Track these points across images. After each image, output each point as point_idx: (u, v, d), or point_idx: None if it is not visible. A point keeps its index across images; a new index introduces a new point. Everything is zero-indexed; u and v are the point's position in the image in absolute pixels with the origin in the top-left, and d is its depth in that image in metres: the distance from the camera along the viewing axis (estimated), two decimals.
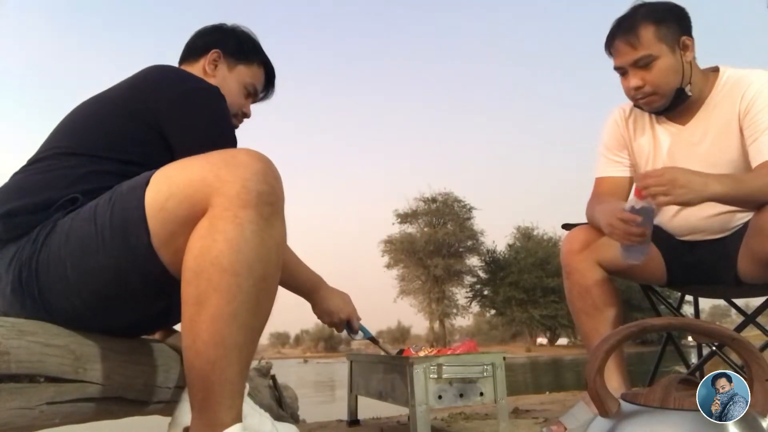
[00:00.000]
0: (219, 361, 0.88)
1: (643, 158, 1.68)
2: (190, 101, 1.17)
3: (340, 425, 2.30)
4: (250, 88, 1.44)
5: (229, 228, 0.88)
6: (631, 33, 1.50)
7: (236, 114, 1.42)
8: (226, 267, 0.88)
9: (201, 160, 0.94)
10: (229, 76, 1.40)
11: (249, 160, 0.92)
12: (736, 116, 1.50)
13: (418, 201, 37.37)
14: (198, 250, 0.89)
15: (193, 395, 0.90)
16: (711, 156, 1.54)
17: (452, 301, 37.88)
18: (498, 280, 35.91)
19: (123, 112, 1.15)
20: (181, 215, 0.92)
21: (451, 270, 36.11)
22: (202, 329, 0.88)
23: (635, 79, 1.53)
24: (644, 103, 1.58)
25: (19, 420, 0.89)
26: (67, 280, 0.99)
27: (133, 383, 1.12)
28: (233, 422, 0.89)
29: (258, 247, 0.90)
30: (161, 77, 1.20)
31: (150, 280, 0.98)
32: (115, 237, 0.95)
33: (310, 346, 66.43)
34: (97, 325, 1.07)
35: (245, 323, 0.90)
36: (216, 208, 0.89)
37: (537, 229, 39.57)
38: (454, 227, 36.30)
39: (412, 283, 37.52)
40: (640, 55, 1.50)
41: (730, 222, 1.58)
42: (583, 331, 1.63)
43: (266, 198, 0.91)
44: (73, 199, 1.05)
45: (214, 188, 0.90)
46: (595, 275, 1.59)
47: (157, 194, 0.94)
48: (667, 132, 1.63)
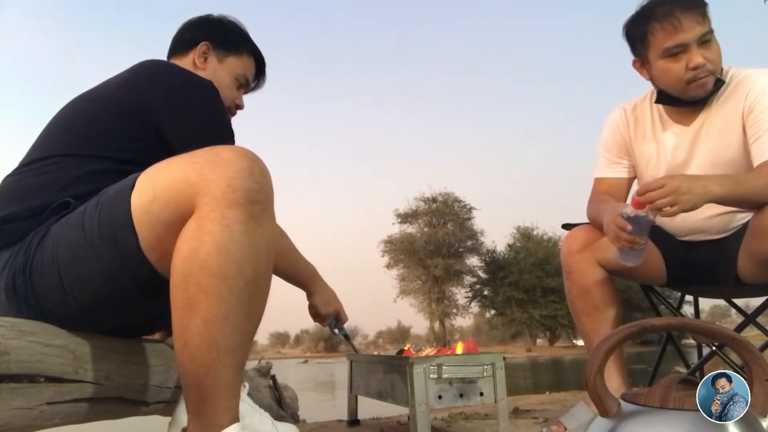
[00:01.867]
0: (213, 365, 0.86)
1: (645, 159, 1.67)
2: (184, 95, 1.15)
3: (340, 425, 2.30)
4: (241, 79, 1.42)
5: (216, 229, 0.85)
6: (695, 7, 1.46)
7: (229, 107, 1.40)
8: (215, 270, 0.85)
9: (184, 160, 0.92)
10: (219, 68, 1.38)
11: (233, 157, 0.89)
12: (739, 115, 1.50)
13: (418, 201, 37.44)
14: (186, 252, 0.86)
15: (188, 398, 0.89)
16: (713, 155, 1.54)
17: (452, 301, 37.93)
18: (498, 280, 35.90)
19: (116, 109, 1.13)
20: (166, 218, 0.89)
21: (451, 270, 36.10)
22: (193, 333, 0.86)
23: (698, 56, 1.46)
24: (699, 85, 1.50)
25: (19, 420, 0.89)
26: (61, 286, 0.98)
27: (133, 383, 1.12)
28: (230, 423, 0.88)
29: (247, 248, 0.87)
30: (154, 72, 1.19)
31: (142, 283, 0.97)
32: (103, 242, 0.94)
33: (310, 346, 66.39)
34: (94, 328, 1.06)
35: (238, 325, 0.88)
36: (202, 209, 0.86)
37: (537, 229, 39.58)
38: (454, 227, 36.30)
39: (412, 283, 37.54)
40: (707, 30, 1.46)
41: (730, 222, 1.58)
42: (583, 331, 1.63)
43: (254, 196, 0.88)
44: (65, 203, 1.03)
45: (199, 188, 0.87)
46: (595, 275, 1.59)
47: (142, 197, 0.91)
48: (671, 132, 1.62)
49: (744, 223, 1.54)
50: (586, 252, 1.59)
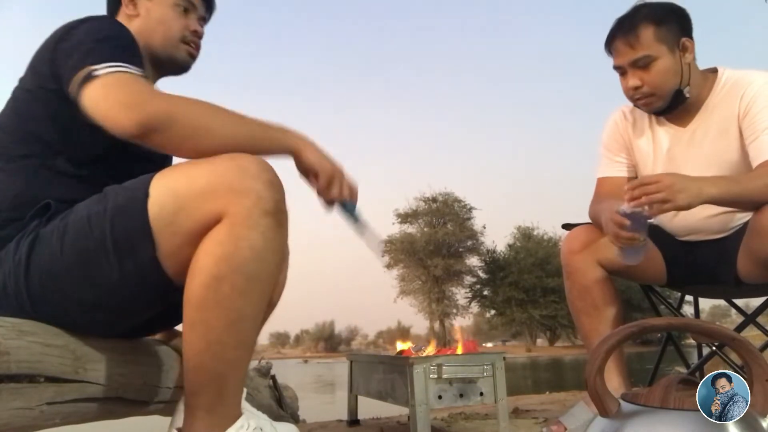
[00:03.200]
0: (238, 362, 0.93)
1: (643, 160, 1.68)
2: (70, 35, 1.05)
3: (340, 425, 2.30)
4: (182, 3, 1.27)
5: (253, 235, 0.90)
6: (630, 33, 1.50)
7: (184, 37, 1.27)
8: (252, 273, 0.91)
9: (205, 169, 0.93)
10: (152, 5, 1.25)
11: (260, 170, 0.93)
12: (735, 117, 1.50)
13: (418, 201, 37.40)
14: (219, 255, 0.90)
15: (200, 396, 0.92)
16: (711, 157, 1.54)
17: (452, 301, 37.90)
18: (498, 280, 35.90)
19: (35, 93, 1.07)
20: (190, 227, 0.92)
21: (451, 270, 36.09)
22: (221, 332, 0.90)
23: (634, 79, 1.52)
24: (642, 104, 1.58)
25: (19, 420, 0.89)
26: (63, 292, 0.97)
27: (133, 383, 1.12)
28: (239, 415, 0.96)
29: (276, 254, 0.94)
30: (50, 35, 1.09)
31: (152, 290, 0.99)
32: (118, 250, 0.94)
33: (310, 346, 66.41)
34: (95, 331, 1.06)
35: (257, 324, 0.96)
36: (234, 216, 0.90)
37: (537, 229, 39.60)
38: (454, 227, 36.28)
39: (412, 283, 37.52)
40: (639, 56, 1.49)
41: (730, 222, 1.59)
42: (583, 331, 1.63)
43: (282, 206, 0.94)
44: (46, 206, 1.01)
45: (228, 198, 0.90)
46: (596, 275, 1.59)
47: (163, 209, 0.92)
48: (667, 134, 1.63)
49: (744, 222, 1.54)
50: (586, 252, 1.59)
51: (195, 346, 0.91)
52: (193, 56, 1.31)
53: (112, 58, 0.98)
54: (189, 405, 0.94)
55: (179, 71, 1.32)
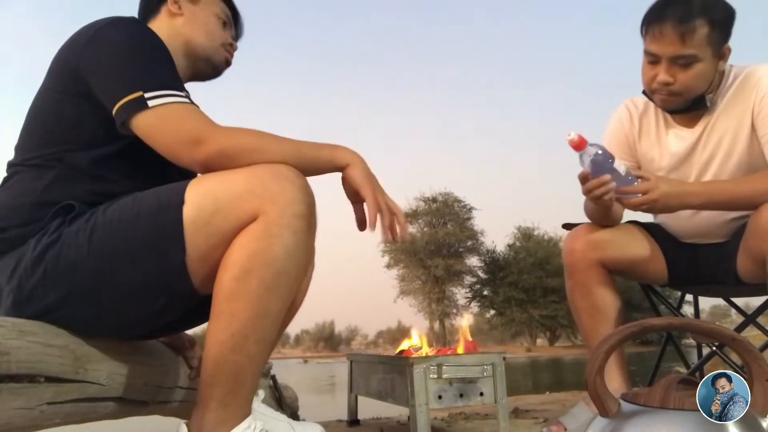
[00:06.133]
0: (257, 357, 0.96)
1: (647, 161, 1.67)
2: (101, 39, 1.05)
3: (340, 425, 2.30)
4: (222, 16, 1.30)
5: (286, 234, 0.94)
6: (686, 24, 1.35)
7: (224, 44, 1.30)
8: (281, 269, 0.95)
9: (244, 174, 0.97)
10: (197, 10, 1.26)
11: (293, 175, 0.98)
12: (749, 113, 1.47)
13: (418, 201, 37.36)
14: (253, 249, 0.93)
15: (214, 389, 0.94)
16: (717, 159, 1.53)
17: (452, 301, 37.88)
18: (498, 280, 35.88)
19: (56, 95, 1.08)
20: (226, 227, 0.95)
21: (451, 270, 36.07)
22: (245, 325, 0.93)
23: (666, 74, 1.41)
24: (660, 99, 1.49)
25: (19, 420, 0.89)
26: (83, 292, 0.98)
27: (133, 383, 1.12)
28: (249, 413, 0.98)
29: (305, 255, 0.99)
30: (75, 36, 1.09)
31: (173, 297, 1.01)
32: (147, 254, 0.96)
33: (310, 346, 66.37)
34: (104, 334, 1.06)
35: (280, 322, 1.00)
36: (269, 214, 0.94)
37: (537, 229, 39.56)
38: (454, 227, 36.25)
39: (412, 283, 37.49)
40: (686, 53, 1.38)
41: (735, 227, 1.57)
42: (584, 331, 1.63)
43: (313, 210, 0.99)
44: (69, 206, 1.02)
45: (265, 199, 0.94)
46: (597, 275, 1.59)
47: (201, 211, 0.96)
48: (674, 135, 1.61)
49: (744, 223, 1.54)
50: (587, 251, 1.59)
51: (218, 336, 0.94)
52: (229, 63, 1.34)
53: (163, 85, 1.00)
54: (202, 397, 0.95)
55: (211, 75, 1.34)
